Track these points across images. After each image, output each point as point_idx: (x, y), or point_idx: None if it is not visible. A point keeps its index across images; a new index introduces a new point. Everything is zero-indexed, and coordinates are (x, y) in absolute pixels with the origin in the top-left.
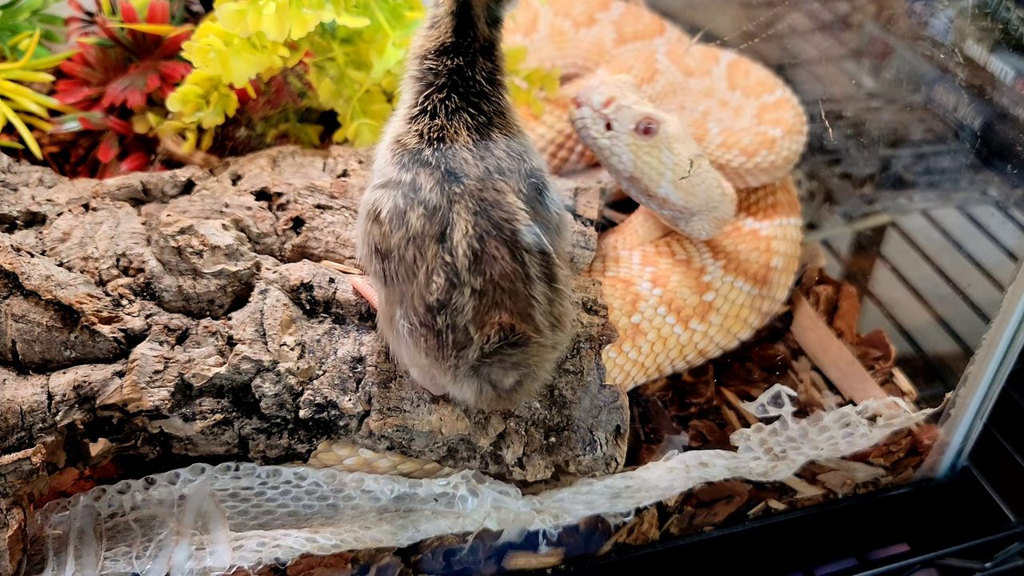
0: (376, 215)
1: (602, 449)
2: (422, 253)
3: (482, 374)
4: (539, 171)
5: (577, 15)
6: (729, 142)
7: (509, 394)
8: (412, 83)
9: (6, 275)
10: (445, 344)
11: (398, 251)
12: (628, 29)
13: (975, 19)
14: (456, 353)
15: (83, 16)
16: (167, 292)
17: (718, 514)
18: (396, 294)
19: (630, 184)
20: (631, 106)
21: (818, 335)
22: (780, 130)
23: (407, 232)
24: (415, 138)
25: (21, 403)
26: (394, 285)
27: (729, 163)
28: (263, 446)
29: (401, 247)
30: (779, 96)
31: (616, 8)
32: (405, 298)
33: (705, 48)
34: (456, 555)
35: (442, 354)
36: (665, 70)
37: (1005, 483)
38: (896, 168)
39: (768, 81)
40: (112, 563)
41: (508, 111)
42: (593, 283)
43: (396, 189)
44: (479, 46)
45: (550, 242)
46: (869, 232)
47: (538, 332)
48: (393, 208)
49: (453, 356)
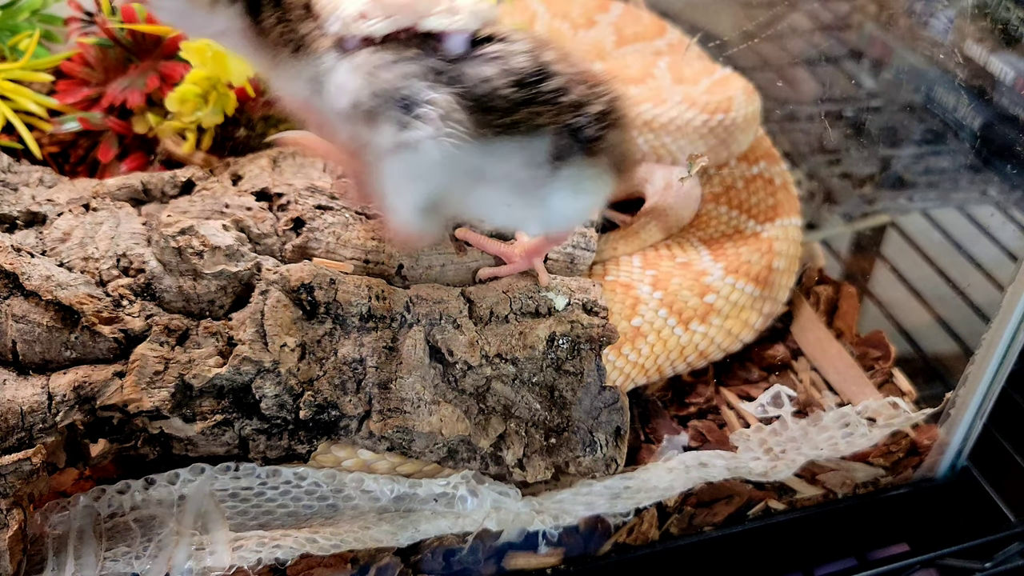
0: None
1: (602, 450)
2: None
3: (607, 134)
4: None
5: (575, 17)
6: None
7: (626, 153)
8: None
9: (6, 275)
10: (563, 111)
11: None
12: (628, 31)
13: (975, 19)
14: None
15: (83, 16)
16: (167, 293)
17: (718, 514)
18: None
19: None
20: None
21: (817, 336)
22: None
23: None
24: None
25: (21, 403)
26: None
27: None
28: (263, 447)
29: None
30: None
31: (615, 10)
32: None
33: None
34: (456, 555)
35: (565, 131)
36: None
37: (1005, 483)
38: (896, 168)
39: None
40: (112, 563)
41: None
42: (593, 284)
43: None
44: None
45: None
46: (869, 232)
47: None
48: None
49: (578, 125)
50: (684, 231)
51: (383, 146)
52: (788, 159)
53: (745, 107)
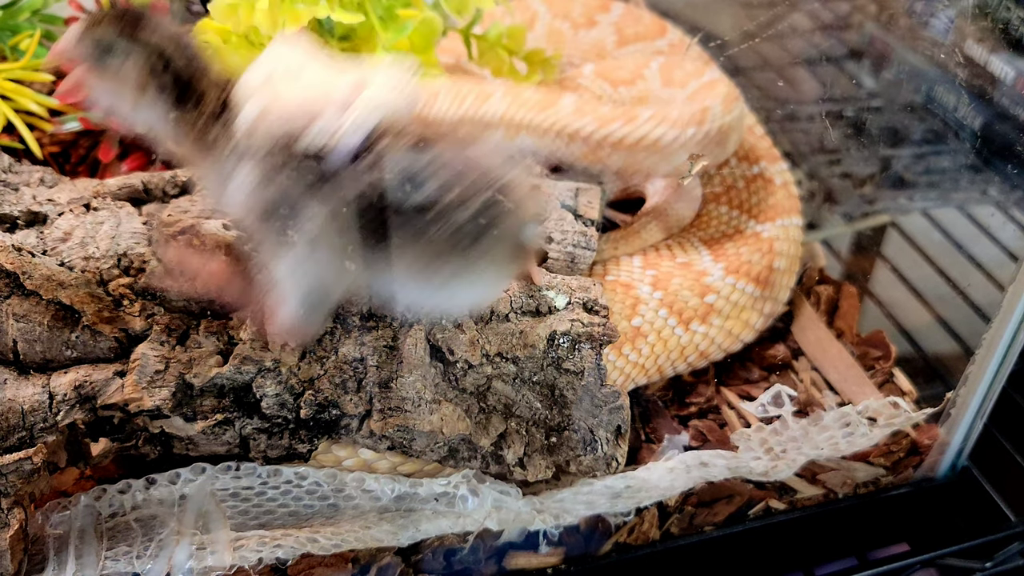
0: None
1: (603, 449)
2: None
3: (492, 232)
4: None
5: (576, 17)
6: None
7: (520, 244)
8: None
9: (7, 275)
10: (437, 217)
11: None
12: (629, 31)
13: (975, 19)
14: (456, 220)
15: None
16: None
17: (718, 514)
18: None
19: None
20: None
21: (817, 336)
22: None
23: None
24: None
25: (22, 403)
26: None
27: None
28: (264, 446)
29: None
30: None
31: (616, 9)
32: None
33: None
34: (457, 555)
35: (440, 234)
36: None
37: (1005, 483)
38: (896, 168)
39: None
40: (113, 562)
41: None
42: (594, 284)
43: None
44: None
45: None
46: (869, 232)
47: (505, 175)
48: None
49: (456, 228)
50: (685, 231)
51: (268, 253)
52: (789, 159)
53: (721, 118)
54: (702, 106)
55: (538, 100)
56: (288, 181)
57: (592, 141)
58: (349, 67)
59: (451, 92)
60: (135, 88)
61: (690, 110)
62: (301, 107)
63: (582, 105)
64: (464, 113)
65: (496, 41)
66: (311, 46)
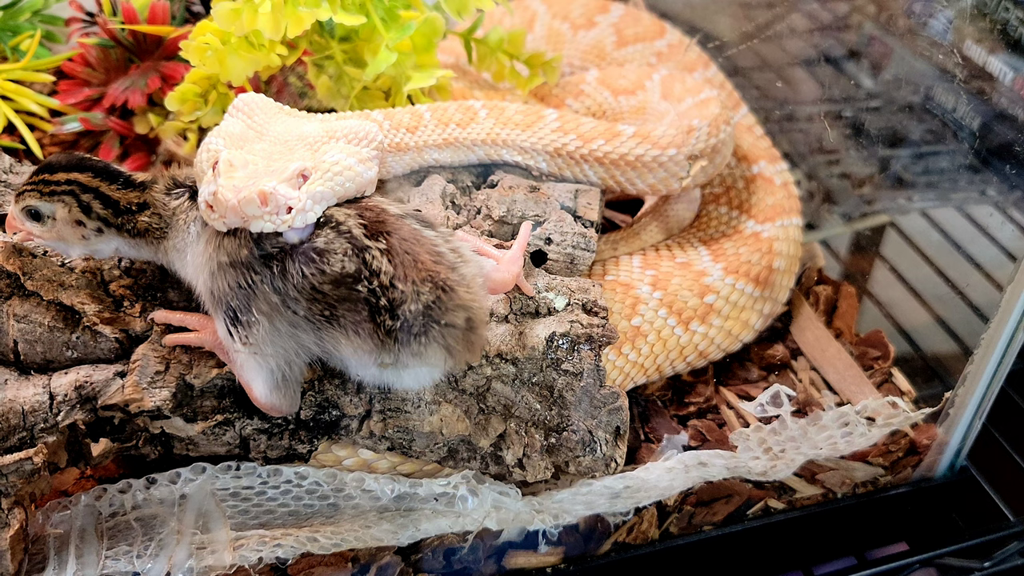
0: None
1: (602, 450)
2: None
3: (434, 326)
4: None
5: (575, 18)
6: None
7: (468, 335)
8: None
9: (8, 275)
10: (379, 311)
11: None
12: (628, 31)
13: (974, 19)
14: (397, 314)
15: (84, 17)
16: (169, 292)
17: (717, 513)
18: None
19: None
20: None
21: (816, 336)
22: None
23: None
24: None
25: (23, 403)
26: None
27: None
28: (264, 446)
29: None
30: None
31: (615, 10)
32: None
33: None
34: (456, 554)
35: (382, 326)
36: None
37: (1004, 482)
38: (895, 168)
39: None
40: (113, 562)
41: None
42: (593, 284)
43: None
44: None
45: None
46: (868, 232)
47: (453, 270)
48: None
49: (397, 321)
50: (684, 231)
51: (224, 339)
52: (788, 159)
53: (706, 140)
54: (688, 126)
55: (522, 119)
56: (234, 272)
57: (575, 157)
58: (306, 134)
59: (435, 114)
60: (73, 232)
61: (673, 130)
62: (247, 198)
63: (565, 123)
64: (449, 135)
65: (497, 46)
66: (265, 115)
